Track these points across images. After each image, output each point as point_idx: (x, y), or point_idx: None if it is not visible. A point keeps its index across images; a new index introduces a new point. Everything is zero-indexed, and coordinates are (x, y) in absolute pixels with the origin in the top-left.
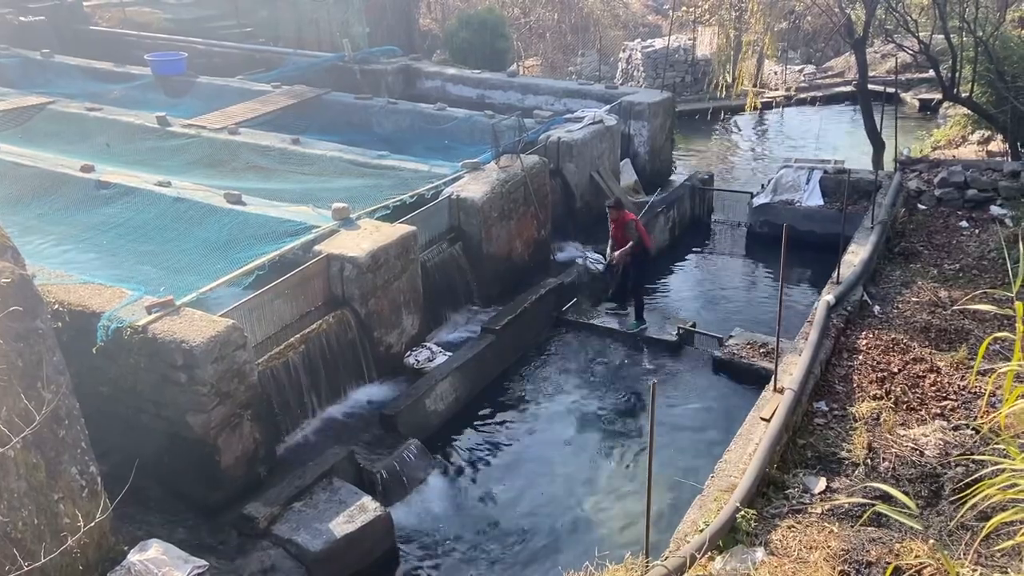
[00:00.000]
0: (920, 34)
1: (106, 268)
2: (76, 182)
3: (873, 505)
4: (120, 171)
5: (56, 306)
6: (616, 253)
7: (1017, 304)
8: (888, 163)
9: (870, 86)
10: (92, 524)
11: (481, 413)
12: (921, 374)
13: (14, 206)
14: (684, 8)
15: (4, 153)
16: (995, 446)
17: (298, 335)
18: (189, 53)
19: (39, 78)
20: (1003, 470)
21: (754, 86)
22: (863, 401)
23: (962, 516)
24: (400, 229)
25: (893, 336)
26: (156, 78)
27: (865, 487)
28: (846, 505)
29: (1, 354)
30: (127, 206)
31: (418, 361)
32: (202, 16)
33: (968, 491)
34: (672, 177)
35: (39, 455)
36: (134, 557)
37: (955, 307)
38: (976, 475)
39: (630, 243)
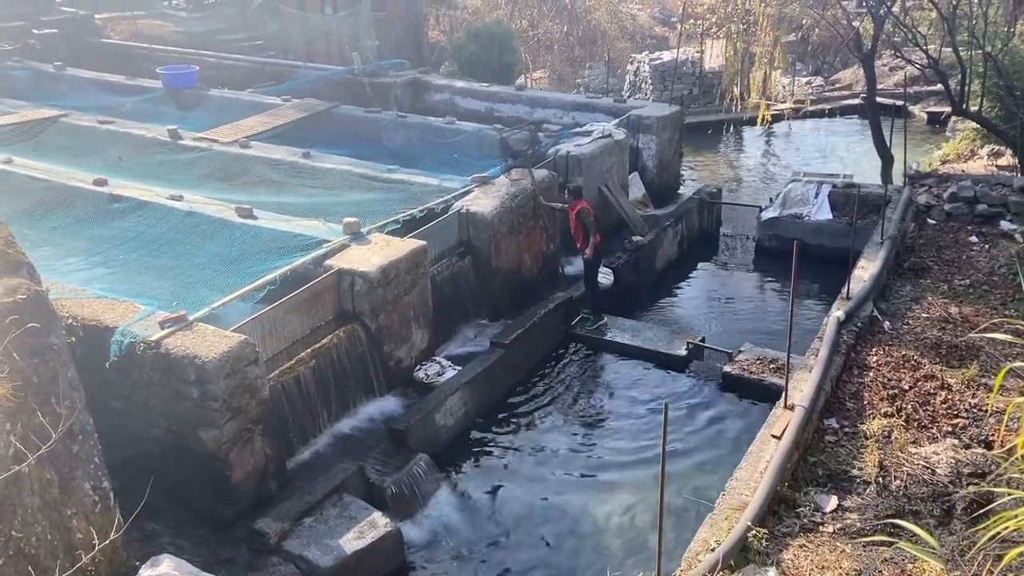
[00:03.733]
0: (928, 48)
1: (119, 282)
2: (89, 195)
3: (890, 541)
4: (132, 184)
5: (70, 321)
6: (589, 249)
7: None
8: (897, 177)
9: (879, 99)
10: (106, 542)
11: (490, 428)
12: (932, 391)
13: (27, 220)
14: (692, 21)
15: (17, 166)
16: (1010, 476)
17: (309, 350)
18: (200, 66)
19: (51, 91)
20: (1018, 500)
21: (762, 98)
22: (874, 418)
23: (980, 547)
24: (410, 243)
25: (904, 352)
26: (167, 91)
27: (877, 507)
28: (858, 524)
29: (16, 370)
30: (139, 220)
31: (427, 375)
32: (213, 29)
33: (981, 513)
34: (680, 190)
35: (53, 471)
36: (146, 573)
37: (970, 335)
38: (988, 496)
39: (595, 236)
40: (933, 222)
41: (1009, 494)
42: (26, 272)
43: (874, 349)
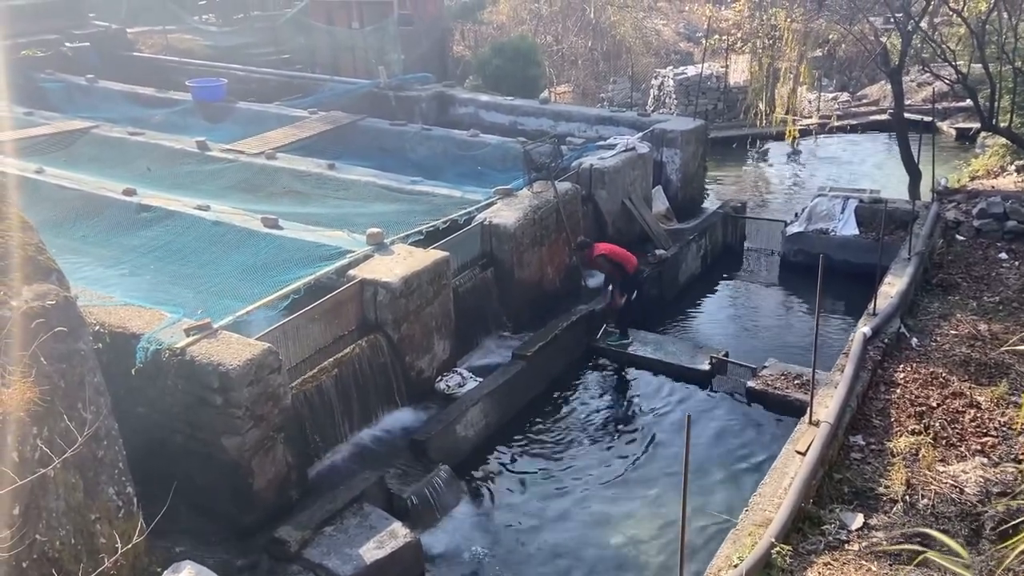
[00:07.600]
0: (957, 63)
1: (146, 290)
2: (118, 205)
3: (918, 552)
4: (160, 195)
5: (97, 327)
6: (612, 303)
7: None
8: (925, 193)
9: (906, 115)
10: (129, 546)
11: (511, 440)
12: (960, 409)
13: (58, 228)
14: (717, 36)
15: (49, 176)
16: None
17: (331, 359)
18: (228, 79)
19: (83, 103)
20: None
21: (787, 113)
22: (901, 436)
23: (1007, 565)
24: (433, 254)
25: (932, 369)
26: (196, 103)
27: (904, 525)
28: (885, 543)
29: (44, 374)
30: (167, 229)
31: (449, 386)
32: (241, 43)
33: (1011, 532)
34: (704, 204)
35: (78, 475)
36: None
37: (1001, 350)
38: (1018, 515)
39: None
40: (962, 238)
41: None
42: (55, 278)
43: (901, 366)
